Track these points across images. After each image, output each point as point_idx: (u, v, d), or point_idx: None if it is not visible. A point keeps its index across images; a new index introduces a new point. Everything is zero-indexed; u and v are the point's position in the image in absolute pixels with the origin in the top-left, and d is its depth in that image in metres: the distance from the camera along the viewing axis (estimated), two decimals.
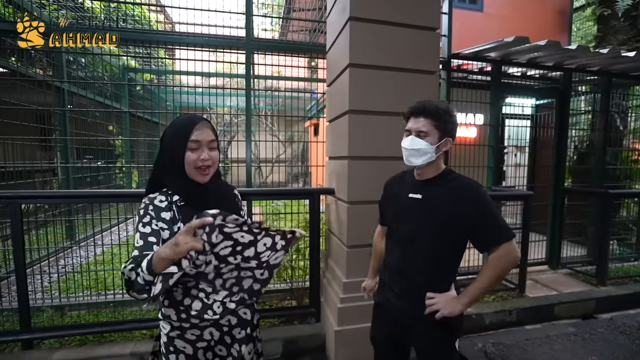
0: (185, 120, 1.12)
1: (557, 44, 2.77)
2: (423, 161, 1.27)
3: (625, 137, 4.34)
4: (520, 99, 4.30)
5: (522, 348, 2.47)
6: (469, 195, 1.23)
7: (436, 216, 1.25)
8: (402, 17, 2.18)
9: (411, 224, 1.31)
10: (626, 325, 2.80)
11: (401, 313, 1.35)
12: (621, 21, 4.45)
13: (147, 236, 1.00)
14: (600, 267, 3.31)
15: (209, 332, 1.13)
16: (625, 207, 4.22)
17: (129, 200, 2.79)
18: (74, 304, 2.66)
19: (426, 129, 1.26)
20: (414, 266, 1.31)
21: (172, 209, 1.07)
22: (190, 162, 1.08)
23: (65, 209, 4.08)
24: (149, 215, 1.04)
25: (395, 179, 1.53)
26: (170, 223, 1.05)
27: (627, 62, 3.29)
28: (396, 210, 1.41)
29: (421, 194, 1.31)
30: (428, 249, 1.27)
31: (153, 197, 1.09)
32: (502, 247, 1.19)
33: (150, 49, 4.33)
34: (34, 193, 2.28)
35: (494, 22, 5.11)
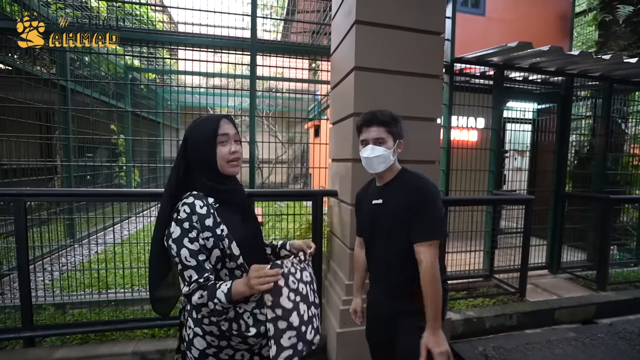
0: (209, 118, 1.15)
1: (559, 49, 2.79)
2: (385, 166, 1.39)
3: (626, 142, 4.36)
4: (522, 103, 4.32)
5: (523, 352, 2.47)
6: (416, 190, 1.33)
7: (392, 214, 1.36)
8: (407, 21, 2.19)
9: (378, 229, 1.43)
10: (626, 331, 2.80)
11: (380, 307, 1.49)
12: (622, 27, 4.48)
13: (197, 254, 1.02)
14: (601, 272, 3.32)
15: (241, 353, 1.13)
16: (626, 213, 4.23)
17: (132, 199, 2.81)
18: (75, 302, 2.66)
19: (382, 135, 1.38)
20: (381, 261, 1.45)
21: (211, 214, 1.06)
22: (223, 155, 1.11)
23: (67, 206, 4.09)
24: (195, 229, 1.02)
25: (362, 190, 1.62)
26: (213, 229, 1.05)
27: (629, 68, 3.31)
28: (364, 218, 1.52)
29: (382, 199, 1.42)
30: (394, 249, 1.37)
31: (191, 203, 1.04)
32: (421, 245, 1.27)
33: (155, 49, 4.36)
34: (39, 191, 2.29)
35: (496, 26, 5.14)
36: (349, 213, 2.26)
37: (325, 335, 2.44)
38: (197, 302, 0.99)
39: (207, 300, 0.98)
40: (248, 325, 1.07)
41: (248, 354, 1.14)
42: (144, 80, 5.94)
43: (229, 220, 1.10)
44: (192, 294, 0.99)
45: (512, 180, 4.45)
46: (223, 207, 1.12)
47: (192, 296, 0.99)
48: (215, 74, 3.25)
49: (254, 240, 1.21)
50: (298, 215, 3.05)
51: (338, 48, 2.55)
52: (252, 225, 1.22)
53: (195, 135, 1.11)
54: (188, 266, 1.00)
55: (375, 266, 1.52)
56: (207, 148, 1.10)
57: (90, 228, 4.09)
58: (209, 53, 2.91)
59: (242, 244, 1.09)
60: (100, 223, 4.41)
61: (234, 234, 1.08)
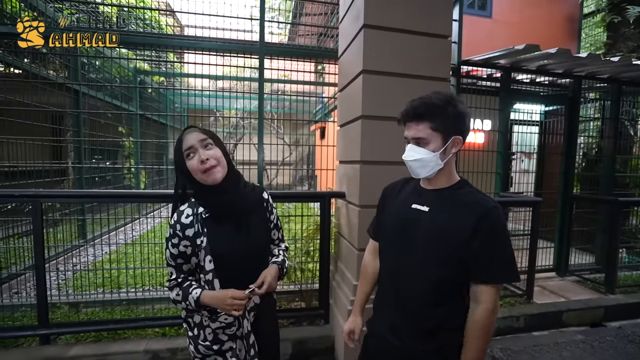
0: (179, 137, 1.18)
1: (567, 51, 2.79)
2: (429, 171, 1.09)
3: (635, 144, 4.33)
4: (529, 105, 4.31)
5: (530, 354, 2.47)
6: (489, 213, 1.03)
7: (445, 229, 1.05)
8: (415, 25, 2.22)
9: (412, 240, 1.11)
10: (636, 334, 2.79)
11: (398, 354, 1.14)
12: (632, 28, 4.45)
13: (175, 258, 1.16)
14: (609, 275, 3.30)
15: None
16: (635, 215, 4.20)
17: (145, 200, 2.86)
18: (88, 302, 2.72)
19: (423, 134, 1.07)
20: (414, 292, 1.11)
21: (197, 223, 1.14)
22: (194, 169, 1.12)
23: (78, 208, 4.17)
24: (177, 236, 1.13)
25: (394, 186, 1.33)
26: (193, 238, 1.13)
27: (638, 70, 3.30)
28: (395, 222, 1.19)
29: (428, 206, 1.11)
30: (431, 271, 1.07)
31: (181, 212, 1.16)
32: (491, 289, 1.03)
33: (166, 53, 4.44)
34: (55, 192, 2.35)
35: (502, 28, 5.14)
36: (357, 214, 2.29)
37: (333, 336, 2.47)
38: (174, 297, 1.16)
39: (181, 300, 1.14)
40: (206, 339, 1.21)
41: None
42: (153, 84, 6.03)
43: (216, 231, 1.15)
44: (171, 290, 1.17)
45: (519, 183, 4.43)
46: (214, 217, 1.16)
47: (170, 291, 1.17)
48: (224, 77, 3.31)
49: (246, 256, 1.19)
50: (306, 216, 3.09)
51: (346, 51, 2.58)
52: (246, 237, 1.18)
53: (174, 155, 1.17)
54: (169, 264, 1.18)
55: (392, 284, 1.19)
56: (180, 166, 1.15)
57: (101, 229, 4.17)
58: (217, 56, 2.97)
59: (225, 257, 1.14)
60: (111, 224, 4.49)
61: (216, 246, 1.13)
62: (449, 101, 1.06)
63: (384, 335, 1.18)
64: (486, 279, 1.03)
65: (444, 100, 1.06)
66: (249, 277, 1.18)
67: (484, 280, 1.03)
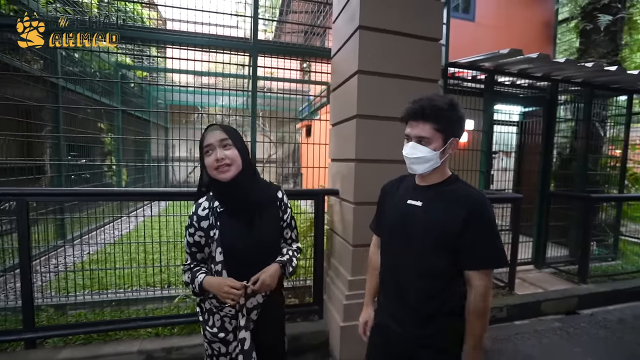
0: (205, 131, 1.26)
1: (547, 57, 2.95)
2: (426, 168, 1.17)
3: (605, 144, 4.61)
4: (508, 107, 4.51)
5: (513, 342, 2.62)
6: (477, 205, 1.11)
7: (437, 222, 1.13)
8: (408, 28, 2.28)
9: (408, 233, 1.19)
10: (606, 320, 3.00)
11: (400, 340, 1.22)
12: (602, 36, 4.73)
13: (191, 246, 1.26)
14: (582, 266, 3.53)
15: None
16: (604, 211, 4.48)
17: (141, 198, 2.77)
18: (73, 304, 2.63)
19: (427, 134, 1.13)
20: (411, 282, 1.19)
21: (211, 216, 1.22)
22: (209, 165, 1.21)
23: (57, 207, 4.00)
24: (193, 226, 1.24)
25: (392, 184, 1.40)
26: (207, 230, 1.22)
27: (609, 75, 3.53)
28: (392, 217, 1.27)
29: (422, 201, 1.19)
30: (426, 262, 1.15)
31: (200, 203, 1.26)
32: (481, 274, 1.10)
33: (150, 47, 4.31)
34: (42, 190, 2.26)
35: (485, 32, 5.34)
36: (351, 211, 2.33)
37: (327, 331, 2.52)
38: (185, 280, 1.28)
39: (190, 283, 1.25)
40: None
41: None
42: (136, 79, 5.85)
43: (229, 225, 1.22)
44: (184, 273, 1.29)
45: (499, 180, 4.63)
46: (227, 212, 1.23)
47: (183, 274, 1.30)
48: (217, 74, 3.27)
49: (255, 250, 1.24)
50: (297, 214, 3.11)
51: (340, 51, 2.62)
52: (255, 236, 1.24)
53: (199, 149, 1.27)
54: (186, 251, 1.29)
55: (391, 275, 1.27)
56: (201, 162, 1.26)
57: (81, 228, 4.02)
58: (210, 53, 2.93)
59: (235, 250, 1.21)
60: (92, 223, 4.34)
61: (227, 239, 1.20)
62: (452, 105, 1.14)
63: (387, 323, 1.26)
64: (476, 266, 1.10)
65: (449, 104, 1.13)
66: (255, 272, 1.21)
67: (474, 266, 1.11)
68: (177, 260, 3.25)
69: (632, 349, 2.56)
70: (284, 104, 3.58)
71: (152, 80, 5.69)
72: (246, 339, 1.22)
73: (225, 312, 1.26)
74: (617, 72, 3.29)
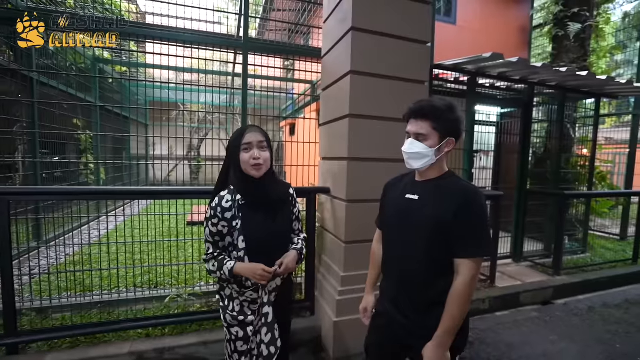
0: (239, 129, 1.41)
1: (526, 61, 3.11)
2: (422, 164, 1.25)
3: (574, 144, 4.90)
4: (486, 107, 4.70)
5: (496, 332, 2.76)
6: (467, 197, 1.18)
7: (430, 214, 1.20)
8: (398, 30, 2.35)
9: (407, 225, 1.28)
10: (578, 309, 3.22)
11: (401, 327, 1.29)
12: (572, 42, 5.01)
13: (213, 235, 1.36)
14: (557, 259, 3.75)
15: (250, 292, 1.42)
16: (574, 207, 4.77)
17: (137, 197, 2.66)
18: (58, 306, 2.53)
19: (424, 131, 1.22)
20: (411, 271, 1.26)
21: (234, 208, 1.33)
22: (245, 160, 1.34)
23: (31, 207, 3.82)
24: (217, 217, 1.33)
25: (394, 180, 1.49)
26: (230, 221, 1.33)
27: (580, 79, 3.75)
28: (392, 211, 1.38)
29: (418, 195, 1.28)
30: (423, 252, 1.22)
31: (222, 196, 1.36)
32: (469, 262, 1.15)
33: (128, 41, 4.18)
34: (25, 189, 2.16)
35: (466, 35, 5.54)
36: (343, 209, 2.38)
37: (320, 327, 2.56)
38: (209, 269, 1.37)
39: (217, 270, 1.34)
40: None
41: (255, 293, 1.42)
42: (114, 74, 5.64)
43: (249, 216, 1.35)
44: (207, 262, 1.38)
45: (478, 179, 4.82)
46: (248, 204, 1.36)
47: (207, 263, 1.38)
48: (202, 71, 3.21)
49: (268, 240, 1.39)
50: None
51: (331, 51, 2.66)
52: (273, 226, 1.41)
53: (230, 141, 1.40)
54: (207, 241, 1.39)
55: (393, 266, 1.36)
56: (233, 153, 1.37)
57: (55, 230, 3.85)
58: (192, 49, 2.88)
59: (254, 239, 1.35)
60: (69, 224, 4.17)
61: (248, 229, 1.33)
62: (450, 107, 1.24)
63: (389, 311, 1.34)
64: (464, 254, 1.17)
65: (447, 106, 1.23)
66: (273, 258, 1.38)
67: (461, 255, 1.17)
68: (164, 259, 3.19)
69: (602, 335, 2.75)
70: (268, 103, 3.59)
71: (131, 76, 5.51)
72: (269, 313, 1.38)
73: (245, 297, 1.40)
74: (587, 77, 3.51)
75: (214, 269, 1.34)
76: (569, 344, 2.60)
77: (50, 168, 4.39)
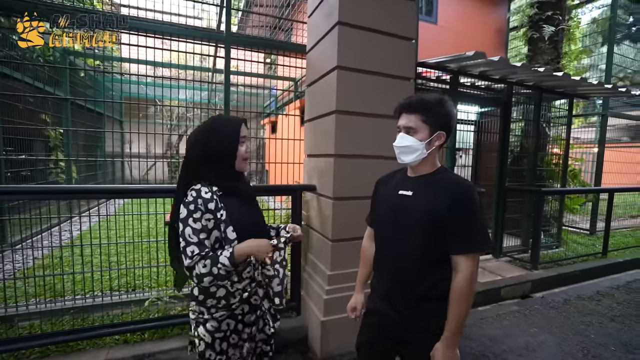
0: (234, 120, 1.33)
1: (506, 60, 3.18)
2: (413, 158, 1.23)
3: (549, 143, 5.09)
4: (466, 107, 4.80)
5: (479, 326, 2.81)
6: (461, 192, 1.17)
7: (424, 209, 1.19)
8: (384, 26, 2.34)
9: (400, 222, 1.26)
10: (555, 302, 3.33)
11: (394, 323, 1.27)
12: (547, 44, 5.20)
13: (199, 233, 1.19)
14: (534, 254, 3.88)
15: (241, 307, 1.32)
16: (549, 204, 4.95)
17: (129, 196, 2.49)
18: (25, 314, 2.35)
19: (414, 124, 1.22)
20: (404, 268, 1.25)
21: (214, 199, 1.23)
22: (242, 154, 1.30)
23: None
24: (199, 210, 1.19)
25: (386, 177, 1.47)
26: (214, 212, 1.21)
27: (555, 80, 3.89)
28: (385, 208, 1.35)
29: (412, 191, 1.26)
30: (418, 248, 1.21)
31: (198, 189, 1.23)
32: (467, 258, 1.15)
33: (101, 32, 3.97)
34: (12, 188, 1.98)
35: (447, 35, 5.64)
36: (330, 206, 2.35)
37: (306, 326, 2.52)
38: (201, 271, 1.15)
39: (211, 267, 1.15)
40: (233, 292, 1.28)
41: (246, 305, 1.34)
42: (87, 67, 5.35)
43: (230, 207, 1.26)
44: (195, 265, 1.16)
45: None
46: (227, 195, 1.27)
47: (194, 268, 1.16)
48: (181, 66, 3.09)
49: (256, 228, 1.35)
50: (271, 210, 3.07)
51: (316, 46, 2.61)
52: (255, 214, 1.39)
53: (221, 134, 1.27)
54: (191, 242, 1.18)
55: (386, 264, 1.34)
56: (230, 147, 1.28)
57: (21, 232, 3.60)
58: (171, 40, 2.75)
59: (241, 229, 1.26)
60: (38, 225, 3.92)
61: (233, 219, 1.25)
62: (440, 101, 1.23)
63: (381, 308, 1.32)
64: (461, 250, 1.15)
65: (437, 100, 1.23)
66: None
67: (458, 251, 1.16)
68: (142, 261, 3.05)
69: (577, 326, 2.86)
70: (250, 99, 3.50)
71: (105, 69, 5.24)
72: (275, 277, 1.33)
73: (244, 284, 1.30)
74: (563, 77, 3.64)
75: (205, 270, 1.15)
76: (548, 336, 2.68)
77: (16, 166, 4.11)
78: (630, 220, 7.14)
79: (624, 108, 7.55)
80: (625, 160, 7.18)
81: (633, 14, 10.21)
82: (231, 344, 1.31)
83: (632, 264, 4.46)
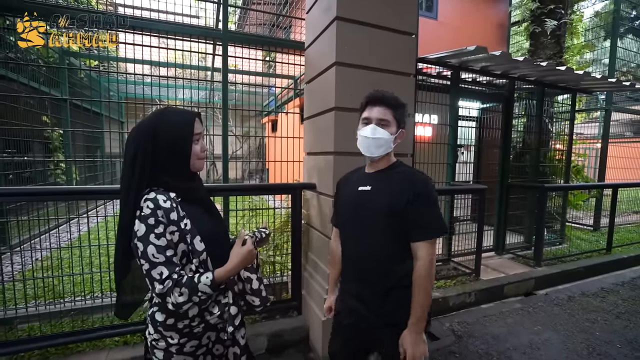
0: (185, 115, 1.13)
1: (508, 55, 3.14)
2: (382, 152, 1.26)
3: (552, 139, 5.04)
4: (467, 103, 4.75)
5: (482, 324, 2.78)
6: (416, 182, 1.23)
7: (382, 204, 1.23)
8: (384, 21, 2.30)
9: (360, 219, 1.29)
10: (559, 298, 3.30)
11: (364, 321, 1.29)
12: (549, 38, 5.14)
13: (164, 250, 1.00)
14: (537, 251, 3.84)
15: (207, 336, 1.15)
16: (551, 200, 4.91)
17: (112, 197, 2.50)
18: (24, 316, 2.34)
19: (389, 117, 1.26)
20: (368, 270, 1.28)
21: (175, 208, 1.04)
22: (196, 152, 1.13)
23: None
24: (161, 224, 1.00)
25: (345, 177, 1.50)
26: (178, 223, 1.04)
27: (557, 74, 3.84)
28: (346, 206, 1.37)
29: (370, 186, 1.29)
30: (379, 246, 1.25)
31: (153, 198, 1.02)
32: (422, 243, 1.19)
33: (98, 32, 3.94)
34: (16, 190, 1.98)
35: (447, 30, 5.58)
36: (329, 205, 2.32)
37: (307, 326, 2.49)
38: (177, 300, 0.97)
39: (190, 296, 0.98)
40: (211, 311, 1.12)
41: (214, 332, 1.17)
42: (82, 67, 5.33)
43: (192, 214, 1.10)
44: (169, 293, 0.97)
45: (460, 173, 4.88)
46: (185, 201, 1.11)
47: (169, 295, 0.97)
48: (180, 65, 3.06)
49: (219, 234, 1.21)
50: (271, 209, 3.04)
51: (314, 42, 2.57)
52: (216, 219, 1.23)
53: (167, 133, 1.07)
54: (157, 263, 0.98)
55: (350, 265, 1.37)
56: (183, 145, 1.09)
57: (20, 234, 3.59)
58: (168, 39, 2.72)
59: (207, 237, 1.10)
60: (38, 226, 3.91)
61: (198, 227, 1.08)
62: (402, 102, 1.32)
63: (352, 307, 1.33)
64: (420, 236, 1.21)
65: (400, 100, 1.31)
66: (227, 253, 1.13)
67: (417, 238, 1.21)
68: None
69: (582, 324, 2.83)
70: (249, 98, 3.46)
71: (104, 69, 5.22)
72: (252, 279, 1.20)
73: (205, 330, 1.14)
74: (565, 72, 3.59)
75: (183, 298, 0.97)
76: (552, 334, 2.65)
77: (17, 168, 4.10)
78: (634, 216, 7.07)
79: (627, 103, 7.49)
80: (629, 155, 7.12)
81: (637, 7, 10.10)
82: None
83: (636, 260, 4.41)
